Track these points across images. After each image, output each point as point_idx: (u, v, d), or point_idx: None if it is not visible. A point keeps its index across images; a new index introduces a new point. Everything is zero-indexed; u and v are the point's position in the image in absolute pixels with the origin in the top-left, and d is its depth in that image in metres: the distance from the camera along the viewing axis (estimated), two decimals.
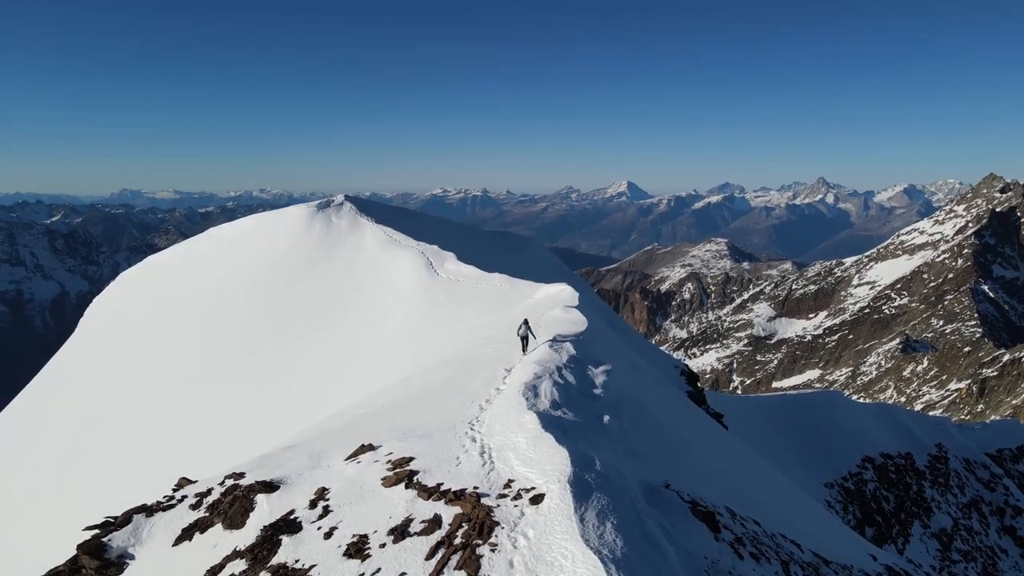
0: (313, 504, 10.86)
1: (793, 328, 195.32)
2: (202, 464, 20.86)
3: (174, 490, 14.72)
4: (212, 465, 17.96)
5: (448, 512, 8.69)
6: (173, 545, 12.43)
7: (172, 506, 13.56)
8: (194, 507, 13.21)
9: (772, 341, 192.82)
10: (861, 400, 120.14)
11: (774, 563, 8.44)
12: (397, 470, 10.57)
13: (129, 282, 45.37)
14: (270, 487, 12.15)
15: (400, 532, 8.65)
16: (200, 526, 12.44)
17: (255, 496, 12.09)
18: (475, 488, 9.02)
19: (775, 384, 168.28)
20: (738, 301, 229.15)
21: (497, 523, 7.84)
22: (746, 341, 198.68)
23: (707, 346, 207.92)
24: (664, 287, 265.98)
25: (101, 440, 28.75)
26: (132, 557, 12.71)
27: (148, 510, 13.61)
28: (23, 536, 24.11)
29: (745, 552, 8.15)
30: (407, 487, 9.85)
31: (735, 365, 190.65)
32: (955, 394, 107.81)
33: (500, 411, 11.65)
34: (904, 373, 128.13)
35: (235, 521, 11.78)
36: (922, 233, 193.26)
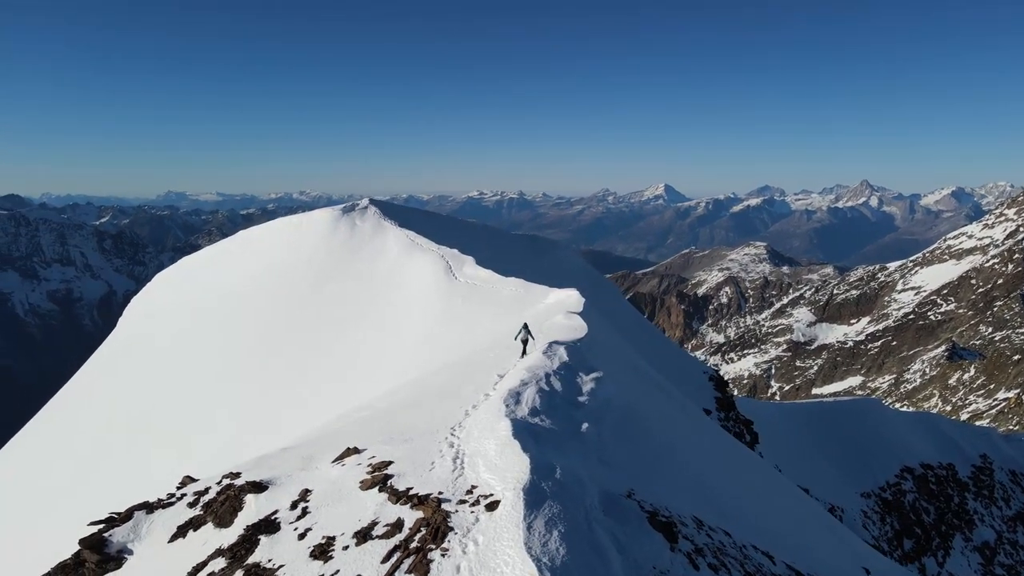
0: (294, 505, 11.10)
1: (834, 334, 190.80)
2: (217, 463, 21.37)
3: (178, 488, 15.19)
4: (227, 464, 18.42)
5: (411, 516, 8.82)
6: (168, 542, 12.83)
7: (171, 504, 13.99)
8: (191, 505, 13.60)
9: (812, 347, 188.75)
10: (904, 409, 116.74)
11: (735, 574, 8.34)
12: (374, 474, 10.75)
13: (164, 283, 46.80)
14: (259, 487, 12.46)
15: (363, 535, 8.81)
16: (194, 524, 12.81)
17: (245, 496, 12.40)
18: (439, 493, 9.13)
19: (815, 390, 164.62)
20: (777, 306, 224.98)
21: (451, 528, 7.94)
22: (785, 347, 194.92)
23: (745, 351, 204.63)
24: (701, 291, 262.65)
25: (128, 437, 29.72)
26: (131, 552, 13.15)
27: (149, 507, 14.07)
28: (52, 528, 25.06)
29: (703, 563, 8.07)
30: (380, 491, 10.02)
31: (773, 371, 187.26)
32: (1003, 404, 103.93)
33: (481, 417, 11.75)
34: (950, 381, 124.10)
35: (224, 520, 12.12)
36: (970, 237, 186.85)
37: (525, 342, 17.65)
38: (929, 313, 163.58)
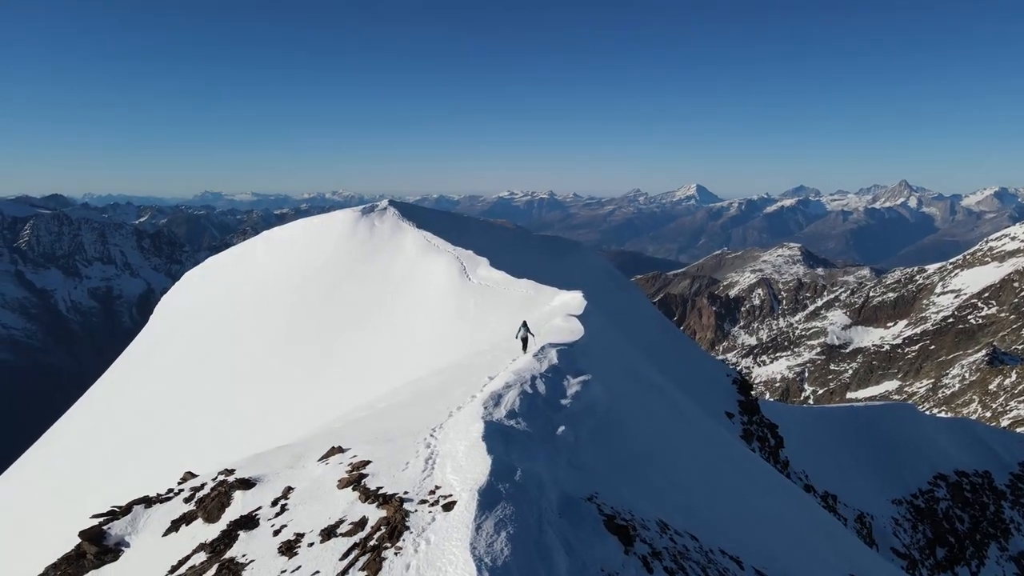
0: (275, 502, 11.33)
1: (870, 337, 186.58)
2: (226, 460, 21.81)
3: (178, 484, 15.60)
4: (233, 461, 18.79)
5: (375, 515, 8.97)
6: (163, 535, 13.19)
7: (169, 499, 14.36)
8: (187, 500, 13.95)
9: (847, 350, 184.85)
10: (942, 414, 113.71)
11: None
12: (352, 473, 10.93)
13: (191, 282, 47.94)
14: (247, 484, 12.74)
15: (329, 532, 8.99)
16: (187, 519, 13.15)
17: (234, 492, 12.71)
18: (404, 493, 9.26)
19: (849, 395, 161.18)
20: (811, 308, 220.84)
21: (408, 528, 8.05)
22: (819, 349, 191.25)
23: (777, 354, 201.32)
24: (733, 292, 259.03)
25: (150, 432, 30.54)
26: (128, 545, 13.55)
27: (148, 501, 14.47)
28: (64, 521, 25.86)
29: (659, 566, 8.05)
30: (354, 489, 10.19)
31: (807, 374, 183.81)
32: None
33: (460, 419, 11.84)
34: (990, 387, 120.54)
35: (212, 515, 12.42)
36: (1013, 239, 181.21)
37: (525, 340, 17.73)
38: (969, 316, 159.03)
